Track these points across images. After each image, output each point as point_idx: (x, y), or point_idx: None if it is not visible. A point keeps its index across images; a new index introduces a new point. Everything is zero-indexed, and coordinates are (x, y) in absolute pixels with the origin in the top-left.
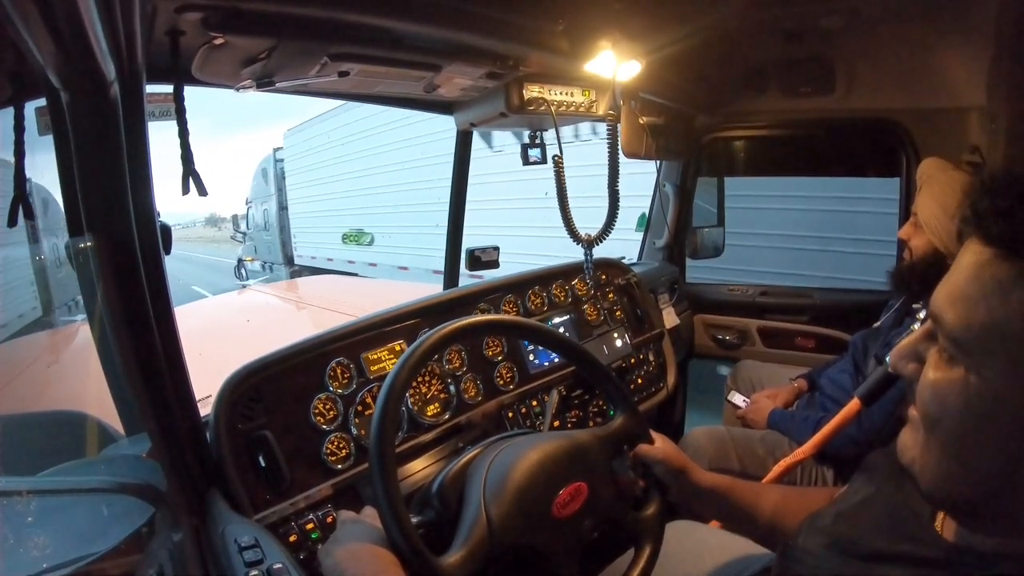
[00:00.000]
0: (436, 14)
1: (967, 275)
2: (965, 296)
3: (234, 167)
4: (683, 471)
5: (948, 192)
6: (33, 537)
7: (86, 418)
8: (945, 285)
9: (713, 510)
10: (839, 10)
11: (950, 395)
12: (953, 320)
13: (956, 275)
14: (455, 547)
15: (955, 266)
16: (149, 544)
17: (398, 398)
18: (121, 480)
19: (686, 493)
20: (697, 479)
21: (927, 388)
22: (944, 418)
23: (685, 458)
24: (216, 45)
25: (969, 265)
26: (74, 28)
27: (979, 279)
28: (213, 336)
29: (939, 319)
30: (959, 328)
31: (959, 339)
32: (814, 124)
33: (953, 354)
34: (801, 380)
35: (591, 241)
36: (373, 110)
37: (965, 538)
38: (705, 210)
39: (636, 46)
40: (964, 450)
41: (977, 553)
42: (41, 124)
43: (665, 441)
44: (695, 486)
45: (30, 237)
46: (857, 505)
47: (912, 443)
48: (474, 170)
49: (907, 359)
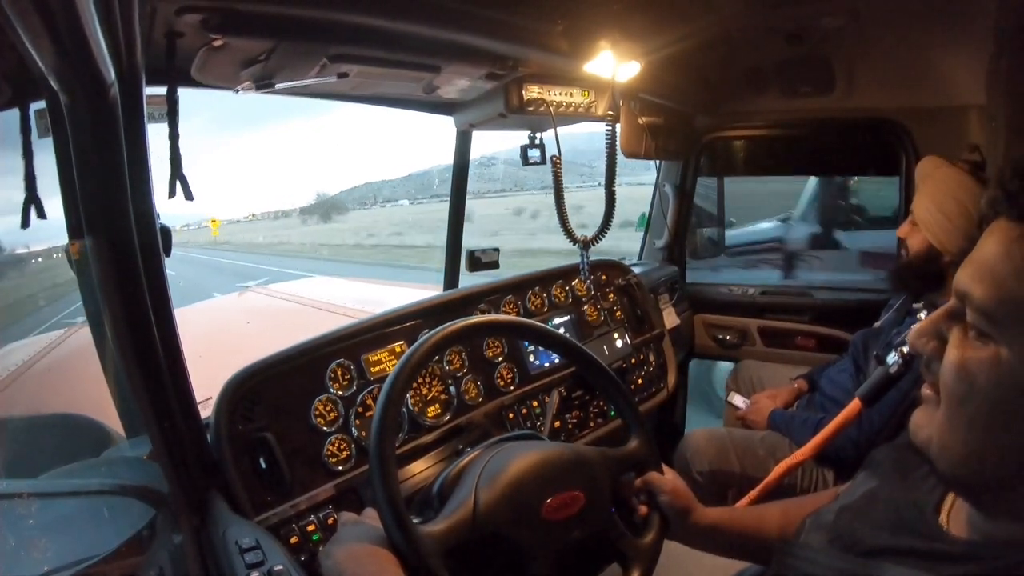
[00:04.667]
0: (436, 15)
1: (997, 252)
2: (995, 272)
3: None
4: (688, 508)
5: (942, 189)
6: (34, 539)
7: (87, 420)
8: (970, 264)
9: (718, 546)
10: (839, 10)
11: (979, 373)
12: (983, 295)
13: (983, 253)
14: (437, 520)
15: (980, 246)
16: (150, 546)
17: (398, 399)
18: (122, 482)
19: (688, 531)
20: (700, 518)
21: (951, 366)
22: (972, 396)
23: (691, 496)
24: (215, 47)
25: (998, 242)
26: (73, 30)
27: (1010, 255)
28: (214, 337)
29: (967, 295)
30: (991, 302)
31: (991, 313)
32: (814, 124)
33: (984, 330)
34: (801, 380)
35: (587, 242)
36: None
37: (979, 529)
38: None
39: (636, 46)
40: (994, 427)
41: (996, 543)
42: (40, 126)
43: (675, 475)
44: (698, 525)
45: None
46: (860, 500)
47: (927, 422)
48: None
49: (927, 337)
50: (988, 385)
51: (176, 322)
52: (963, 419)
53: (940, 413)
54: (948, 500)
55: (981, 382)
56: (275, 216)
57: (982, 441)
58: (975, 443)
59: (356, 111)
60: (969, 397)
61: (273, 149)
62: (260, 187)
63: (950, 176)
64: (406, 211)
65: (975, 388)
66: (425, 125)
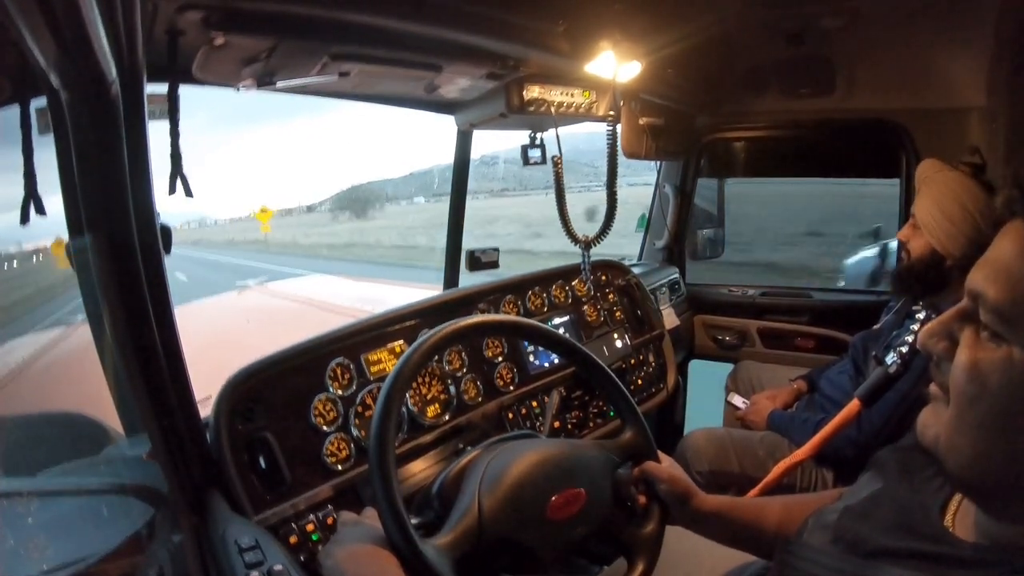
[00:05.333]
0: (437, 14)
1: (1012, 252)
2: (1011, 272)
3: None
4: (687, 495)
5: (946, 193)
6: (33, 538)
7: (86, 419)
8: (984, 264)
9: (716, 533)
10: (839, 10)
11: (992, 373)
12: (998, 295)
13: (998, 253)
14: (443, 531)
15: (995, 246)
16: (149, 545)
17: (398, 399)
18: (121, 481)
19: (688, 517)
20: (699, 504)
21: (963, 367)
22: (984, 396)
23: (689, 482)
24: (217, 45)
25: (1014, 242)
26: (75, 27)
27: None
28: (213, 336)
29: (981, 296)
30: (1006, 303)
31: (1005, 313)
32: (814, 125)
33: (997, 330)
34: (800, 381)
35: (589, 242)
36: None
37: (985, 532)
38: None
39: (636, 46)
40: (1004, 429)
41: (1002, 546)
42: (41, 124)
43: (672, 462)
44: (697, 511)
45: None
46: (864, 501)
47: (935, 421)
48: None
49: (938, 337)
50: (1000, 386)
51: (176, 320)
52: (973, 420)
53: (949, 413)
54: (953, 503)
55: (993, 383)
56: (287, 213)
57: (991, 443)
58: (984, 444)
59: (357, 109)
60: (980, 398)
61: (272, 148)
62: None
63: (953, 179)
64: (435, 209)
65: (986, 389)
66: (425, 124)
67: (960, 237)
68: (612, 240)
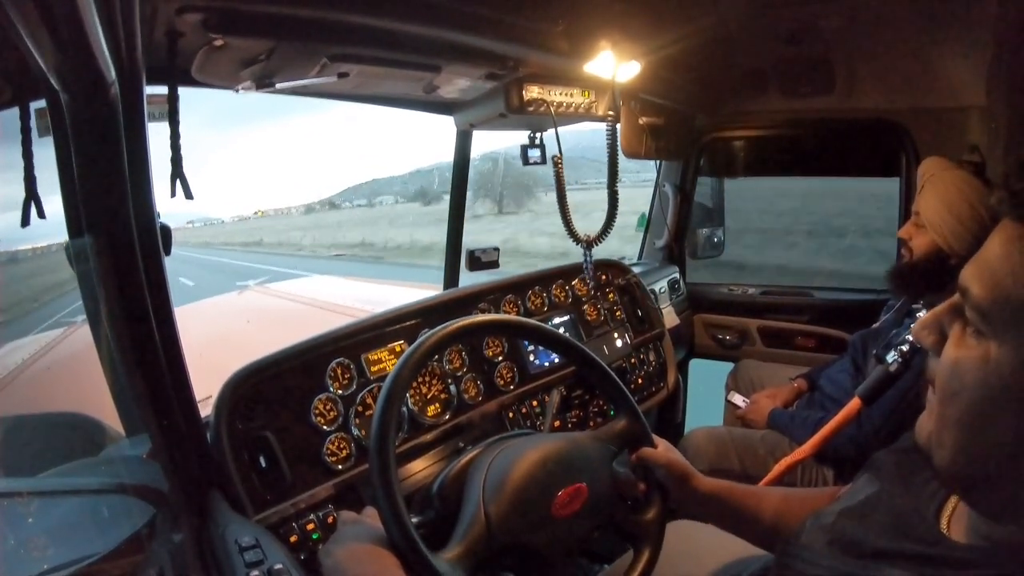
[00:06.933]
0: (436, 15)
1: (999, 252)
2: (994, 270)
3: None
4: (685, 476)
5: (952, 190)
6: (33, 538)
7: (86, 419)
8: (974, 262)
9: (714, 516)
10: (839, 10)
11: (970, 369)
12: (980, 293)
13: (986, 252)
14: (452, 544)
15: (986, 246)
16: (150, 545)
17: (398, 398)
18: (121, 481)
19: (687, 499)
20: (698, 485)
21: (947, 363)
22: (962, 391)
23: (686, 464)
24: (216, 46)
25: (1001, 242)
26: (74, 30)
27: (1010, 255)
28: (213, 336)
29: (966, 292)
30: (987, 301)
31: (986, 311)
32: (814, 124)
33: (979, 328)
34: (801, 380)
35: (590, 242)
36: None
37: (980, 534)
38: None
39: (636, 46)
40: (980, 425)
41: (997, 548)
42: (40, 125)
43: (667, 446)
44: (696, 492)
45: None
46: (861, 503)
47: (929, 422)
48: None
49: (929, 330)
50: (975, 382)
51: (176, 321)
52: (953, 415)
53: (935, 409)
54: (949, 505)
55: (969, 379)
56: (296, 211)
57: (970, 438)
58: (963, 440)
59: (359, 108)
60: (958, 394)
61: (271, 147)
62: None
63: (959, 177)
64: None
65: (964, 385)
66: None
67: (967, 235)
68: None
